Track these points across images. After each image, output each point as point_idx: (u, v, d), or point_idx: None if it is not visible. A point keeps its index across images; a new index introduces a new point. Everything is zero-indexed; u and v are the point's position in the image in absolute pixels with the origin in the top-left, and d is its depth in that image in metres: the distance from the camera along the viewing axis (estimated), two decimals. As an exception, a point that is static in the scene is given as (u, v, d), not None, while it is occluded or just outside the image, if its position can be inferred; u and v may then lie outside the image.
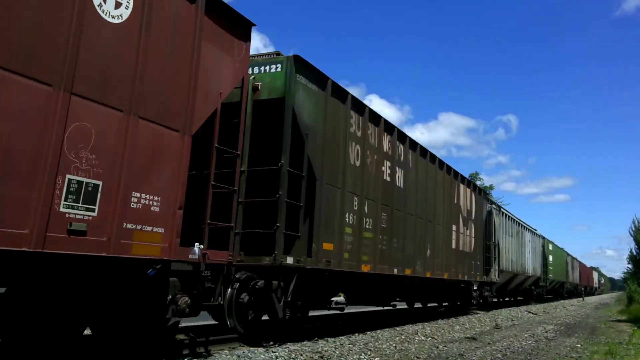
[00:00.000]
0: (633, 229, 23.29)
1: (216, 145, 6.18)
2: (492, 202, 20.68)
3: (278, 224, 7.40)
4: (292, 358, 6.60)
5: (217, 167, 6.25)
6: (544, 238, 33.72)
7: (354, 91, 9.96)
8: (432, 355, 7.61)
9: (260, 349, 7.04)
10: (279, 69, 7.93)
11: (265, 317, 7.89)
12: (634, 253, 24.16)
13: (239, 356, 6.45)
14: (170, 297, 5.47)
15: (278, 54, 8.44)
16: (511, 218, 23.93)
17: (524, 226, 27.32)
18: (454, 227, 15.18)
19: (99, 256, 4.65)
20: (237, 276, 7.20)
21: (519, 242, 25.10)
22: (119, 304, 5.52)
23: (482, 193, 19.26)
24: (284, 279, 7.71)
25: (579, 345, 9.61)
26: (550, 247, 36.09)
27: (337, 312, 11.12)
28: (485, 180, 70.83)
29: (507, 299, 30.01)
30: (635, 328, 13.87)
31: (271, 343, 7.67)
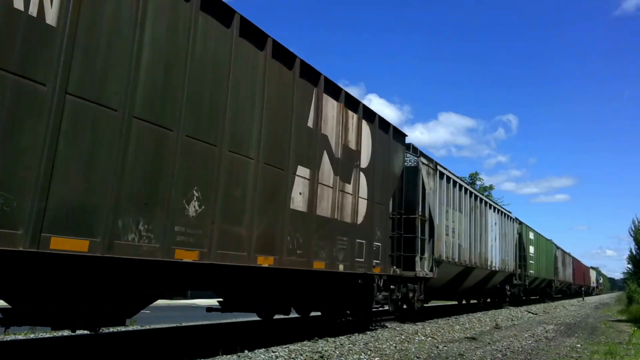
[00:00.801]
0: (633, 229, 23.31)
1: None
2: (423, 156, 13.17)
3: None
4: (292, 358, 6.60)
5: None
6: (521, 223, 26.30)
7: (353, 91, 9.65)
8: (432, 355, 7.61)
9: (261, 349, 7.05)
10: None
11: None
12: (634, 253, 24.18)
13: (239, 356, 6.46)
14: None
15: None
16: (462, 186, 15.98)
17: (487, 203, 19.68)
18: (302, 172, 7.79)
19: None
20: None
21: (476, 223, 17.51)
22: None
23: (398, 134, 11.39)
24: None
25: (579, 345, 9.61)
26: (531, 236, 28.26)
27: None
28: (485, 180, 70.84)
29: (457, 302, 21.98)
30: (635, 328, 13.87)
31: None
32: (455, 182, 15.47)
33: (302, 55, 7.72)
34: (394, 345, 8.36)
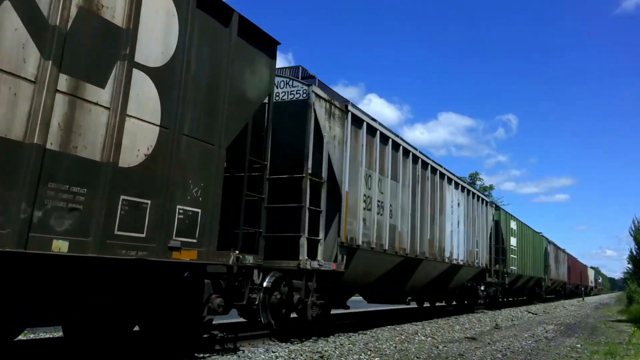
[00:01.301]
0: (633, 229, 23.28)
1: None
2: (322, 87, 9.24)
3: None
4: (292, 358, 6.60)
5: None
6: (498, 209, 21.83)
7: (352, 90, 9.59)
8: (432, 355, 7.61)
9: (261, 349, 7.04)
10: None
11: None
12: (634, 253, 24.14)
13: (239, 356, 6.46)
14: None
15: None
16: (399, 146, 11.63)
17: (446, 176, 14.71)
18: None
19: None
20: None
21: (424, 200, 12.95)
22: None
23: (254, 35, 6.97)
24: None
25: (579, 345, 9.61)
26: (513, 226, 23.40)
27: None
28: (485, 180, 70.64)
29: (408, 305, 14.79)
30: (635, 328, 13.87)
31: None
32: (386, 138, 11.04)
33: (302, 55, 7.42)
34: (394, 345, 8.36)
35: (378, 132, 10.64)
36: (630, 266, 26.96)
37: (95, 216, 4.65)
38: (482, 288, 19.39)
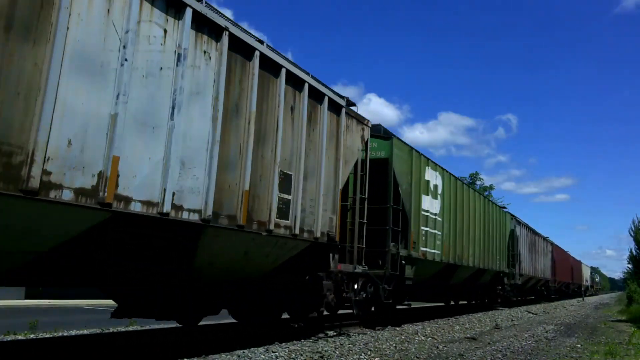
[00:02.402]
0: (633, 229, 23.29)
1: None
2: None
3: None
4: (292, 358, 6.60)
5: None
6: (425, 158, 13.69)
7: (352, 90, 9.79)
8: (432, 355, 7.61)
9: (260, 349, 7.05)
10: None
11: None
12: (634, 253, 24.15)
13: (239, 356, 6.46)
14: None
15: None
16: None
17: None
18: None
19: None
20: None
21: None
22: None
23: None
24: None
25: (579, 346, 9.61)
26: (431, 177, 13.92)
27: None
28: (485, 180, 70.46)
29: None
30: (635, 328, 13.87)
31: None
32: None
33: (302, 54, 7.51)
34: (394, 345, 8.36)
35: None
36: (630, 266, 26.98)
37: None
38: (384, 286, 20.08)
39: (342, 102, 9.28)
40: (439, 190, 14.64)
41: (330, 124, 8.80)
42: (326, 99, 8.62)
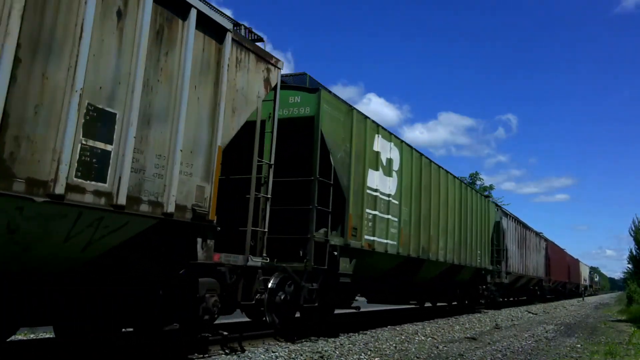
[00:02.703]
0: (633, 229, 23.28)
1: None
2: None
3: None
4: (292, 358, 6.60)
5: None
6: (375, 124, 10.98)
7: (352, 90, 9.52)
8: (432, 355, 7.60)
9: (260, 349, 7.04)
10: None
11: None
12: (634, 253, 24.14)
13: (239, 356, 6.46)
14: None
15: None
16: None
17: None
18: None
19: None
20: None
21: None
22: None
23: None
24: None
25: (579, 345, 9.61)
26: (383, 149, 11.15)
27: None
28: (485, 180, 70.18)
29: None
30: (635, 328, 13.87)
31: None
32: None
33: (301, 53, 7.02)
34: (394, 345, 8.35)
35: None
36: (630, 266, 26.97)
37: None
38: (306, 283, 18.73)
39: (227, 25, 6.51)
40: (395, 167, 11.56)
41: (203, 51, 6.17)
42: (194, 12, 5.94)
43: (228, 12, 6.85)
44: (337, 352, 7.18)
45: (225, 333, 7.09)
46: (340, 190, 9.26)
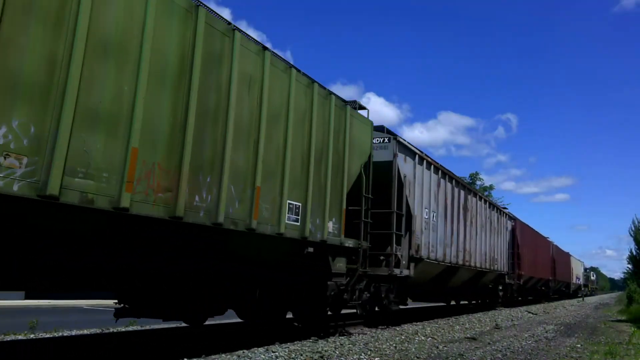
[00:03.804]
0: (633, 229, 23.30)
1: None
2: None
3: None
4: (292, 358, 6.60)
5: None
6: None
7: (351, 89, 9.78)
8: (432, 355, 7.61)
9: (261, 349, 7.04)
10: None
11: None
12: (634, 253, 24.17)
13: (239, 356, 6.46)
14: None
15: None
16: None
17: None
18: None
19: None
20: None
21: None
22: None
23: None
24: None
25: (579, 345, 9.61)
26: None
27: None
28: (485, 180, 70.13)
29: None
30: (635, 328, 13.87)
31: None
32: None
33: (301, 53, 7.28)
34: (394, 345, 8.36)
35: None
36: (630, 266, 27.00)
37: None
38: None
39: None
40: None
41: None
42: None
43: (226, 11, 7.04)
44: (337, 352, 7.19)
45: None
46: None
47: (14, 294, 5.80)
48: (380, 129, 12.15)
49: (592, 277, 78.17)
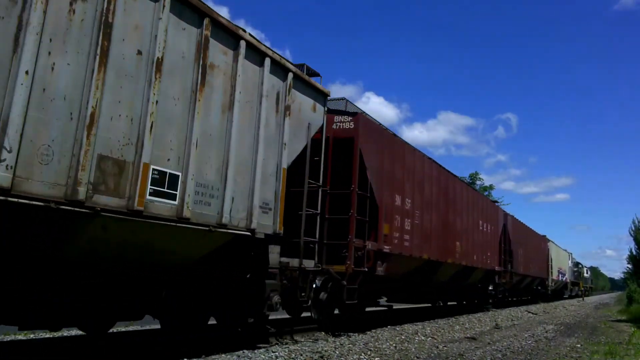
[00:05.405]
0: (633, 229, 23.31)
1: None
2: None
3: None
4: (292, 358, 6.60)
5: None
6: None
7: (350, 89, 9.74)
8: (432, 355, 7.61)
9: (261, 349, 7.04)
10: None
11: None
12: (634, 253, 24.19)
13: (238, 356, 6.46)
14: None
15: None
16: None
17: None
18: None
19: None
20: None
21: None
22: None
23: None
24: None
25: (579, 345, 9.61)
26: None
27: None
28: (485, 180, 70.05)
29: None
30: (635, 328, 13.87)
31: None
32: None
33: (300, 52, 6.92)
34: (393, 345, 8.35)
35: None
36: (630, 266, 27.01)
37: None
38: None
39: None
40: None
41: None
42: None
43: (224, 10, 6.96)
44: (337, 352, 7.18)
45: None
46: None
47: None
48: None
49: (585, 275, 59.99)
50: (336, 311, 10.40)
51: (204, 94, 6.20)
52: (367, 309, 13.09)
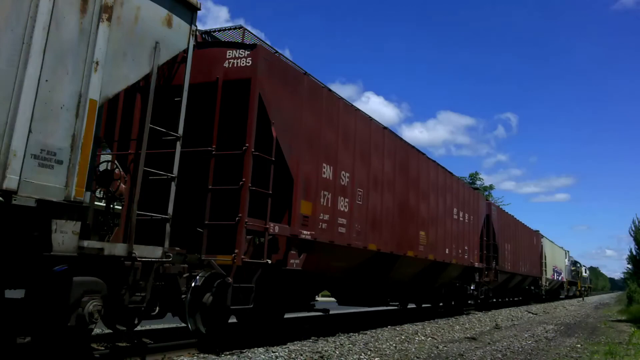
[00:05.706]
0: (633, 229, 23.30)
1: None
2: None
3: None
4: (292, 358, 6.60)
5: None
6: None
7: (350, 88, 8.95)
8: (432, 355, 7.61)
9: (261, 349, 7.03)
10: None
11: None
12: (634, 253, 24.18)
13: (238, 356, 6.45)
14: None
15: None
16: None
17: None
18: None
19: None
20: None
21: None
22: None
23: None
24: None
25: (579, 346, 9.61)
26: None
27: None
28: (485, 180, 69.92)
29: None
30: (635, 328, 13.87)
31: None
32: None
33: (299, 52, 6.56)
34: (394, 345, 8.35)
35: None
36: (630, 266, 27.01)
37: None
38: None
39: None
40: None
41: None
42: None
43: (224, 10, 6.50)
44: (337, 352, 7.19)
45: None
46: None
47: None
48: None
49: (584, 274, 57.03)
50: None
51: None
52: (312, 313, 10.24)
